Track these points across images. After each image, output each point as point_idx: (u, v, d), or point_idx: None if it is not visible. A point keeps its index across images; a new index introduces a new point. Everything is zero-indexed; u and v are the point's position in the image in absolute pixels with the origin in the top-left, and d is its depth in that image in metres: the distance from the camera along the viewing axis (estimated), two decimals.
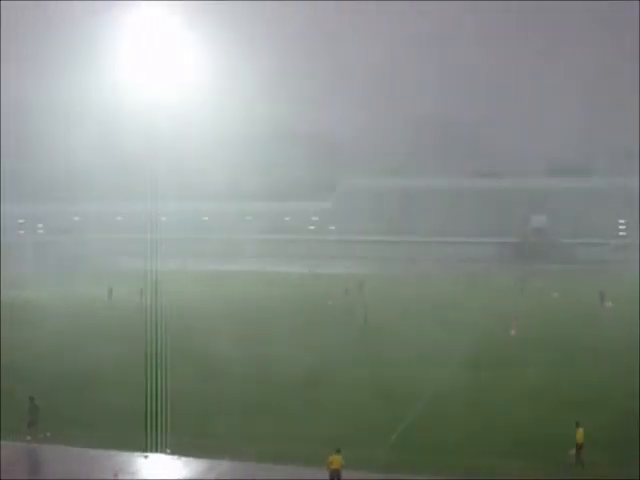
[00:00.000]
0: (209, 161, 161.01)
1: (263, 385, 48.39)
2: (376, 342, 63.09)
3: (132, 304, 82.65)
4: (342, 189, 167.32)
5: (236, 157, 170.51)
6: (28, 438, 37.88)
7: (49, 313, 78.99)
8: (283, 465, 34.61)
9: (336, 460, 31.84)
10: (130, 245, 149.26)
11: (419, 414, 41.99)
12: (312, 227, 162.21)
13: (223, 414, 42.18)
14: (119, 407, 43.19)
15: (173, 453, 36.03)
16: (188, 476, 33.96)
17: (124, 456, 36.32)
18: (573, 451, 34.27)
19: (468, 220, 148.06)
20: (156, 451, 36.27)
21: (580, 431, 34.38)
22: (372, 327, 69.21)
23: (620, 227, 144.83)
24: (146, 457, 35.97)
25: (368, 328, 69.05)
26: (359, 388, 47.74)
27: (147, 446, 36.37)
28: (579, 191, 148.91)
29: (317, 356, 57.14)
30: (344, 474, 31.67)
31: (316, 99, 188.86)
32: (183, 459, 35.54)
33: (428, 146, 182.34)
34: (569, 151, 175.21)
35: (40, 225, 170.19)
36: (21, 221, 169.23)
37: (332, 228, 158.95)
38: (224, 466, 34.64)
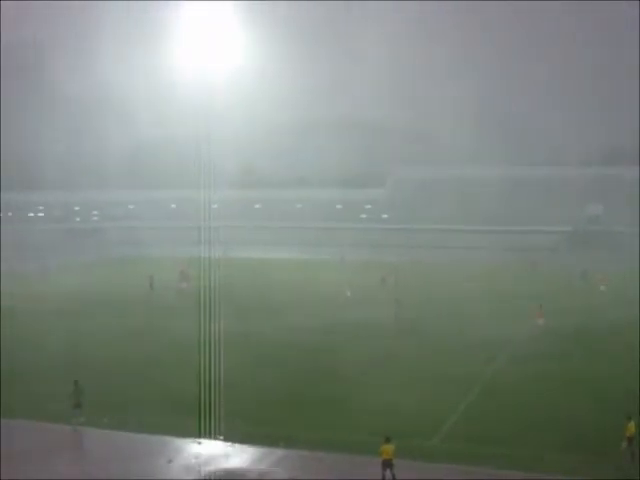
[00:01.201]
0: (261, 148, 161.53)
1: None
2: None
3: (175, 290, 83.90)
4: (396, 177, 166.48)
5: (289, 144, 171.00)
6: (73, 421, 38.20)
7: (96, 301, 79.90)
8: (337, 454, 34.51)
9: (386, 450, 31.32)
10: (183, 233, 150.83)
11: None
12: (364, 215, 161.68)
13: (279, 402, 42.31)
14: (173, 392, 43.57)
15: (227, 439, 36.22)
16: (241, 463, 34.03)
17: (177, 442, 36.57)
18: (625, 444, 33.36)
19: (523, 208, 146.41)
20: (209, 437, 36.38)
21: (631, 424, 33.61)
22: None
23: None
24: (199, 443, 36.10)
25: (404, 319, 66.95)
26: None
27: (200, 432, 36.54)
28: (636, 179, 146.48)
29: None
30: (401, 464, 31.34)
31: (372, 86, 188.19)
32: (237, 446, 35.67)
33: (483, 135, 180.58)
34: (625, 139, 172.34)
35: (95, 212, 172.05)
36: (77, 208, 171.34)
37: (385, 216, 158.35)
38: (277, 454, 34.65)
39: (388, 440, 31.57)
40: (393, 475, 30.97)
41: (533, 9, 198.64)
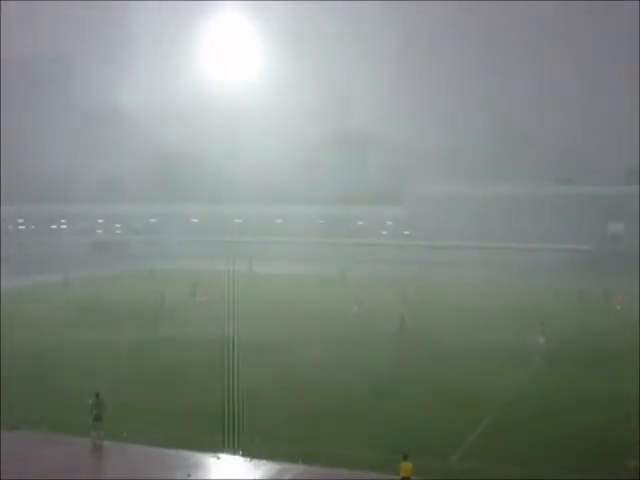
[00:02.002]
0: (282, 165, 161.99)
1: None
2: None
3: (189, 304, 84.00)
4: (418, 194, 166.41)
5: (312, 160, 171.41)
6: (93, 434, 38.40)
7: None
8: (357, 470, 34.57)
9: (405, 467, 31.21)
10: (203, 247, 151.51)
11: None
12: (385, 232, 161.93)
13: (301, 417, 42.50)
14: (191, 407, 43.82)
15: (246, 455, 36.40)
16: (260, 478, 34.17)
17: (196, 456, 36.76)
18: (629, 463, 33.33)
19: (544, 227, 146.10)
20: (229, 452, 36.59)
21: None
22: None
23: None
24: (218, 458, 36.30)
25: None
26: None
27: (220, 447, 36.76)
28: None
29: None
30: None
31: (395, 104, 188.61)
32: (255, 461, 35.84)
33: (504, 152, 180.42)
34: None
35: (118, 225, 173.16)
36: (100, 221, 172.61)
37: (406, 233, 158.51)
38: (296, 469, 34.79)
39: (406, 457, 31.50)
40: None
41: (561, 24, 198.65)
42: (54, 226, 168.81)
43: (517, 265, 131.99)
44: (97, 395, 39.01)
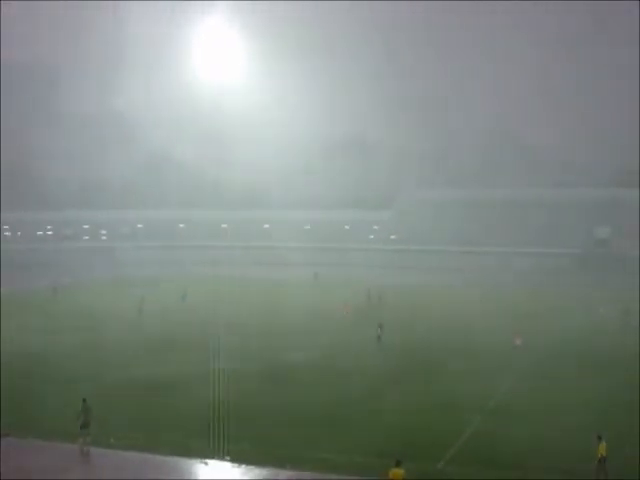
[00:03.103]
0: (269, 169, 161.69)
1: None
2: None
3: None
4: (405, 199, 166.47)
5: (299, 165, 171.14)
6: (80, 440, 38.00)
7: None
8: (345, 475, 34.31)
9: (397, 474, 30.56)
10: (190, 252, 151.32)
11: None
12: (371, 236, 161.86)
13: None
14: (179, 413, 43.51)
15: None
16: None
17: (184, 462, 36.42)
18: (595, 465, 33.74)
19: (531, 230, 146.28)
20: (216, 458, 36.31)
21: (602, 445, 33.85)
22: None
23: None
24: (206, 464, 35.96)
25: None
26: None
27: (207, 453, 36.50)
28: None
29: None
30: None
31: (384, 108, 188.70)
32: (243, 467, 35.52)
33: (491, 157, 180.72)
34: (634, 162, 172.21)
35: (103, 231, 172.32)
36: (86, 227, 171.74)
37: (393, 237, 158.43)
38: (285, 475, 34.47)
39: (398, 464, 30.90)
40: None
41: (551, 25, 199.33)
42: (40, 232, 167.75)
43: (502, 269, 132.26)
44: (84, 401, 38.62)
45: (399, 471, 30.65)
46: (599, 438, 34.25)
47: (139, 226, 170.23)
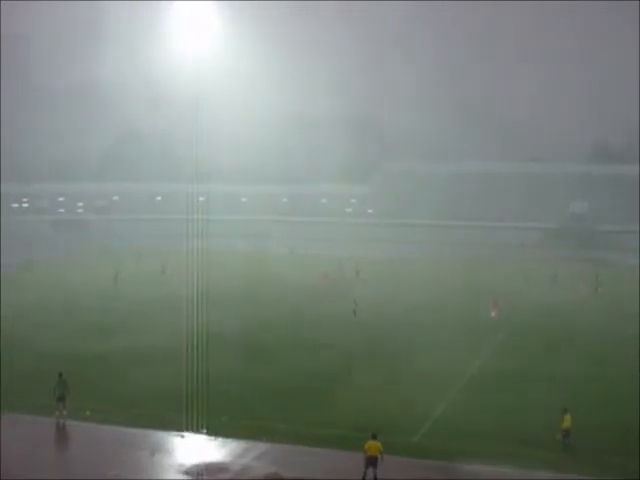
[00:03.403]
0: (248, 143, 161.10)
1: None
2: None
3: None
4: (382, 172, 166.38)
5: (275, 140, 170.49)
6: (57, 413, 37.99)
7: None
8: (320, 448, 34.51)
9: (373, 446, 30.58)
10: (166, 225, 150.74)
11: None
12: (349, 210, 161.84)
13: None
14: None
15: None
16: (224, 456, 34.01)
17: (160, 435, 36.47)
18: (560, 436, 34.40)
19: (508, 205, 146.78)
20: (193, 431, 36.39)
21: (567, 417, 34.46)
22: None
23: None
24: (183, 437, 36.05)
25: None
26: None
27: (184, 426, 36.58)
28: (621, 178, 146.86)
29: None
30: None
31: (358, 81, 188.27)
32: (220, 439, 35.65)
33: (470, 131, 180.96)
34: (611, 137, 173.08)
35: (80, 204, 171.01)
36: (61, 199, 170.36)
37: (370, 211, 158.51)
38: (261, 447, 34.61)
39: (374, 437, 31.00)
40: (375, 475, 30.29)
41: (527, 9, 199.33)
42: (15, 205, 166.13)
43: (477, 243, 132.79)
44: (60, 375, 38.58)
45: (375, 443, 30.70)
46: (564, 410, 34.81)
47: (115, 198, 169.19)
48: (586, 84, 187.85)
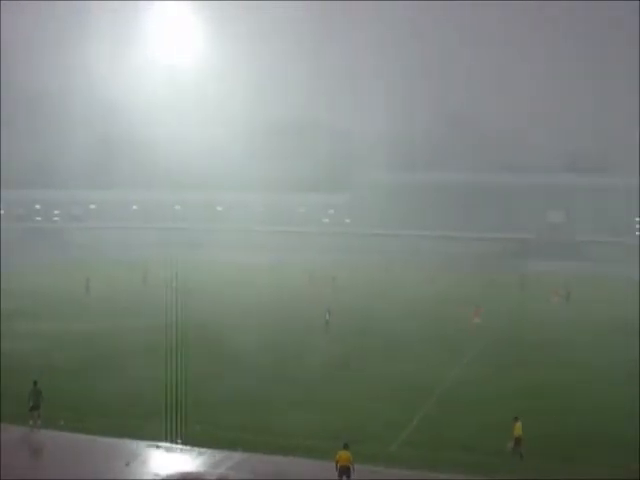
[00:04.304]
0: (225, 151, 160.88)
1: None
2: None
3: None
4: (360, 182, 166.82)
5: (252, 148, 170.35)
6: (31, 422, 37.73)
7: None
8: (296, 457, 34.43)
9: (343, 456, 30.94)
10: (143, 234, 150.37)
11: None
12: (326, 220, 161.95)
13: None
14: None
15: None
16: (200, 466, 33.88)
17: (135, 445, 36.24)
18: (511, 444, 34.55)
19: (485, 215, 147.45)
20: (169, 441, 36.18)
21: (518, 425, 34.69)
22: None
23: (637, 226, 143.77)
24: (158, 447, 35.86)
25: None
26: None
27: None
28: (598, 188, 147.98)
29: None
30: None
31: (337, 91, 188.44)
32: (196, 449, 35.48)
33: (447, 141, 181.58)
34: (588, 148, 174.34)
35: (56, 212, 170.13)
36: (37, 207, 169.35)
37: (347, 221, 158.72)
38: (236, 457, 34.51)
39: (346, 446, 31.29)
40: None
41: (508, 15, 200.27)
42: None
43: (452, 253, 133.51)
44: (35, 383, 38.42)
45: (346, 453, 30.99)
46: (515, 419, 35.04)
47: (92, 207, 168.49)
48: (566, 94, 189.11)
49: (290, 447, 35.28)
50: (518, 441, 34.51)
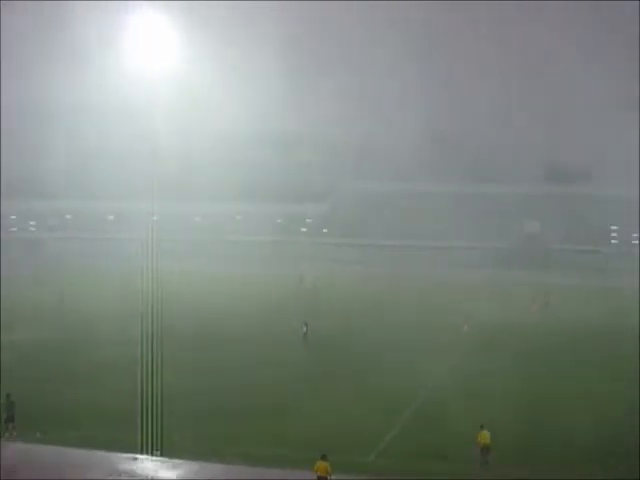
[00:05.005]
0: (204, 161, 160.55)
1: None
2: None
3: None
4: (339, 192, 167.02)
5: (231, 158, 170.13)
6: (6, 435, 37.51)
7: None
8: (275, 469, 34.34)
9: (321, 467, 31.12)
10: (117, 244, 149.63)
11: None
12: (304, 229, 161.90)
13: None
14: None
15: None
16: (177, 478, 33.70)
17: (113, 457, 36.05)
18: (477, 452, 34.92)
19: (462, 225, 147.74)
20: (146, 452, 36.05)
21: (484, 433, 34.91)
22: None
23: (613, 235, 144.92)
24: (135, 459, 35.69)
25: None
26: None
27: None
28: (575, 198, 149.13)
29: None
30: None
31: (315, 101, 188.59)
32: (173, 461, 35.31)
33: (426, 152, 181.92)
34: (565, 157, 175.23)
35: (32, 222, 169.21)
36: (13, 217, 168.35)
37: (325, 231, 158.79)
38: (214, 469, 34.39)
39: (324, 457, 31.44)
40: None
41: (481, 27, 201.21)
42: None
43: (428, 262, 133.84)
44: (8, 396, 38.24)
45: (324, 464, 31.14)
46: (481, 427, 35.31)
47: (67, 217, 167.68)
48: (542, 105, 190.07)
49: (268, 458, 35.25)
50: (486, 449, 34.62)
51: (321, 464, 31.18)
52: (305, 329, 67.24)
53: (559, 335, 69.81)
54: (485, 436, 34.84)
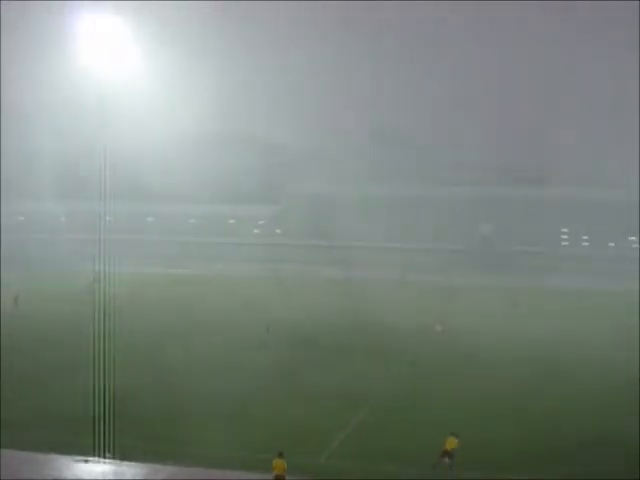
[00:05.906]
0: (156, 162, 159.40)
1: None
2: None
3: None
4: (292, 195, 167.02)
5: (184, 160, 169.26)
6: None
7: None
8: (230, 470, 34.02)
9: (278, 465, 31.21)
10: (71, 245, 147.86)
11: None
12: (256, 231, 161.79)
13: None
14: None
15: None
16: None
17: (63, 460, 35.43)
18: (445, 459, 34.61)
19: (416, 227, 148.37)
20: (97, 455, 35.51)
21: (451, 439, 34.91)
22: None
23: (563, 237, 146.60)
24: (86, 461, 35.12)
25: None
26: None
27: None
28: (528, 200, 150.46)
29: None
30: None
31: (269, 104, 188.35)
32: (125, 463, 34.84)
33: (379, 155, 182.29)
34: (520, 160, 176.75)
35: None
36: None
37: (278, 232, 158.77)
38: (167, 471, 34.00)
39: (281, 455, 31.47)
40: None
41: (442, 31, 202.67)
42: None
43: (377, 264, 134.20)
44: None
45: (280, 462, 31.23)
46: (452, 434, 35.20)
47: (20, 219, 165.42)
48: (500, 107, 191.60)
49: (221, 459, 34.92)
50: (451, 454, 34.56)
51: (279, 462, 31.24)
52: (268, 331, 66.63)
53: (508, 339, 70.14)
54: (452, 442, 34.69)
